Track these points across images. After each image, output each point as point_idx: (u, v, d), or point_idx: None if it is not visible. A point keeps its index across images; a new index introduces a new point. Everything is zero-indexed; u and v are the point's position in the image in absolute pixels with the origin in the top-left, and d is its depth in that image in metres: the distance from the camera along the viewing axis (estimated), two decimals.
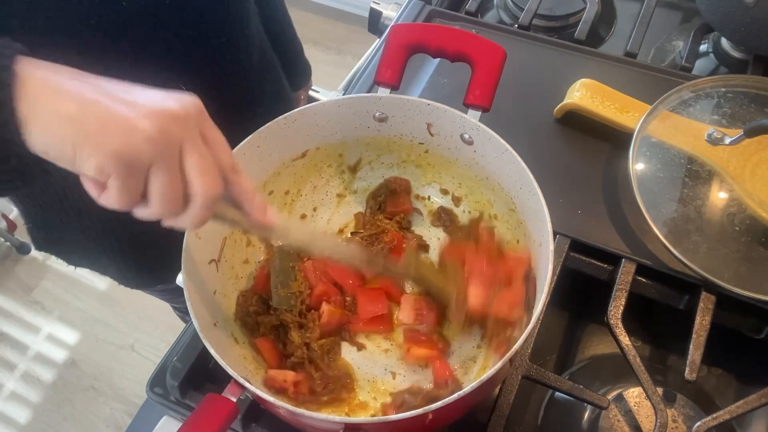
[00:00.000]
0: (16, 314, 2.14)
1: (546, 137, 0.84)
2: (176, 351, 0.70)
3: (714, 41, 1.00)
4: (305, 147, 0.72)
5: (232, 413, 0.52)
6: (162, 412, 0.71)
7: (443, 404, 0.49)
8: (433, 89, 0.88)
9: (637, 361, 0.65)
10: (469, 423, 0.67)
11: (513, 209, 0.68)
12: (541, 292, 0.56)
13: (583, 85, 0.83)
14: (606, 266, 0.75)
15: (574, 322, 0.81)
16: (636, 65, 0.91)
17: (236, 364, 0.61)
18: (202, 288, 0.62)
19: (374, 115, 0.70)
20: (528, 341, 0.68)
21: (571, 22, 1.05)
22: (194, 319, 0.55)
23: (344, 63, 2.71)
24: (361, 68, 0.97)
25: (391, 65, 0.68)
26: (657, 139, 0.77)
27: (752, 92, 0.80)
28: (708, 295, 0.69)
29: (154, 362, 0.74)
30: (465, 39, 0.66)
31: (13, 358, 2.03)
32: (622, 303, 0.70)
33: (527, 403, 0.74)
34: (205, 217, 0.46)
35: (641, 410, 0.69)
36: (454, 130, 0.68)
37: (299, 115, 0.68)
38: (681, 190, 0.73)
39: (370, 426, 0.53)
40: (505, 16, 1.10)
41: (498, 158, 0.65)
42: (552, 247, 0.57)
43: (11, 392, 1.97)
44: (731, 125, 0.77)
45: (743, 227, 0.70)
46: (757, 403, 0.64)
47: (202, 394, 0.52)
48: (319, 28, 2.81)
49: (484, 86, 0.66)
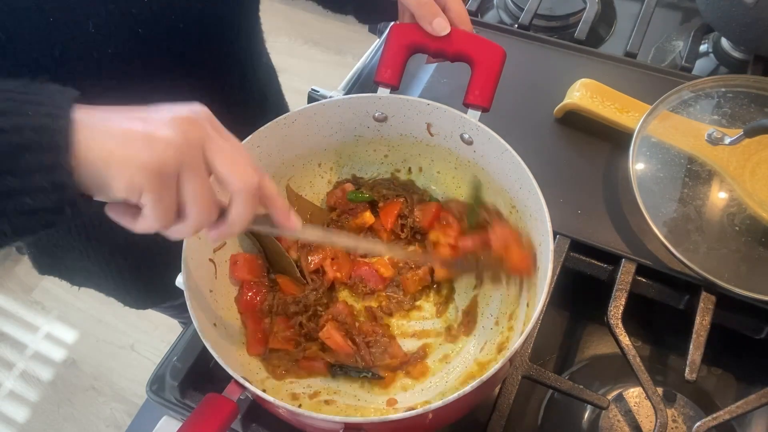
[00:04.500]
0: (16, 314, 2.13)
1: (546, 137, 0.84)
2: (176, 351, 0.70)
3: (714, 41, 1.00)
4: (305, 147, 0.72)
5: (232, 413, 0.52)
6: (162, 412, 0.71)
7: (443, 404, 0.49)
8: (433, 89, 0.88)
9: (637, 361, 0.65)
10: (469, 423, 0.67)
11: (513, 209, 0.68)
12: (541, 292, 0.56)
13: (583, 85, 0.83)
14: (606, 266, 0.75)
15: (574, 322, 0.81)
16: (636, 65, 0.91)
17: (236, 364, 0.61)
18: (202, 288, 0.62)
19: (374, 115, 0.70)
20: (528, 341, 0.68)
21: (571, 22, 1.05)
22: (194, 319, 0.55)
23: (344, 63, 2.71)
24: (361, 68, 0.97)
25: (391, 65, 0.68)
26: (657, 139, 0.77)
27: (752, 92, 0.80)
28: (708, 295, 0.69)
29: (154, 362, 0.74)
30: (465, 39, 0.66)
31: (13, 358, 2.03)
32: (622, 303, 0.70)
33: (527, 403, 0.74)
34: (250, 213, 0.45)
35: (641, 410, 0.69)
36: (454, 130, 0.68)
37: (299, 115, 0.68)
38: (681, 190, 0.73)
39: (370, 426, 0.53)
40: (505, 16, 1.10)
41: (498, 158, 0.65)
42: (552, 247, 0.57)
43: (12, 392, 1.97)
44: (731, 125, 0.77)
45: (743, 227, 0.70)
46: (757, 403, 0.64)
47: (202, 394, 0.52)
48: (319, 28, 2.81)
49: (483, 86, 0.66)
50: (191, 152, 0.41)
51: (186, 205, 0.43)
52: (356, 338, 0.67)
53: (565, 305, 0.81)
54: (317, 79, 1.18)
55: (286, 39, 2.78)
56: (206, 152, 0.43)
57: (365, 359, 0.66)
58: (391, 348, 0.67)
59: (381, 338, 0.67)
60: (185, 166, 0.41)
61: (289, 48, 2.75)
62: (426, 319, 0.70)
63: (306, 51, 2.81)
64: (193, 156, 0.42)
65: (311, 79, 1.53)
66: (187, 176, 0.42)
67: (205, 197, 0.43)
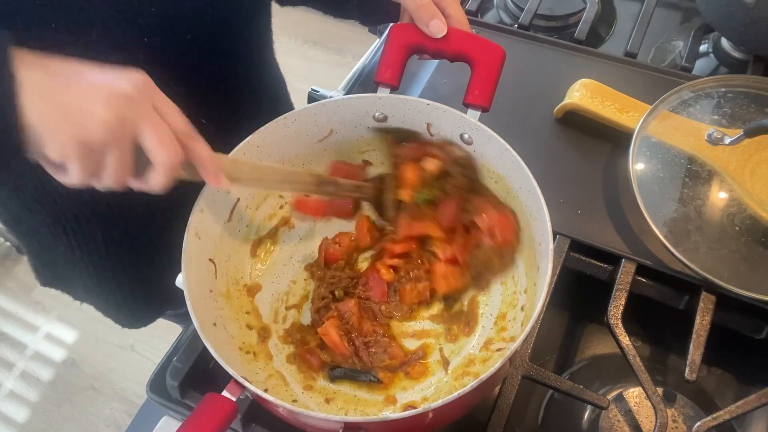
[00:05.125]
0: (16, 314, 2.13)
1: (546, 137, 0.84)
2: (176, 351, 0.70)
3: (714, 41, 1.00)
4: (305, 147, 0.72)
5: (232, 413, 0.52)
6: (162, 412, 0.71)
7: (443, 404, 0.49)
8: (433, 89, 0.88)
9: (637, 361, 0.65)
10: (469, 423, 0.67)
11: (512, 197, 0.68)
12: (541, 292, 0.56)
13: (583, 85, 0.83)
14: (606, 266, 0.75)
15: (574, 322, 0.81)
16: (636, 65, 0.91)
17: (236, 364, 0.61)
18: (202, 288, 0.62)
19: (374, 115, 0.70)
20: (528, 341, 0.68)
21: (571, 22, 1.05)
22: (194, 319, 0.55)
23: (344, 63, 2.71)
24: (361, 68, 0.97)
25: (391, 65, 0.68)
26: (657, 139, 0.77)
27: (752, 92, 0.80)
28: (708, 295, 0.69)
29: (154, 362, 0.74)
30: (464, 39, 0.66)
31: (13, 358, 2.03)
32: (622, 303, 0.70)
33: (527, 403, 0.74)
34: (167, 181, 0.50)
35: (641, 410, 0.69)
36: (454, 130, 0.68)
37: (299, 115, 0.68)
38: (681, 190, 0.73)
39: (370, 425, 0.53)
40: (505, 16, 1.10)
41: (498, 158, 0.65)
42: (552, 247, 0.57)
43: (12, 392, 1.96)
44: (731, 125, 0.77)
45: (743, 227, 0.70)
46: (757, 403, 0.64)
47: (202, 394, 0.52)
48: (319, 28, 2.81)
49: (483, 86, 0.66)
50: (122, 132, 0.46)
51: (104, 171, 0.48)
52: (356, 340, 0.66)
53: (565, 305, 0.81)
54: (317, 79, 1.18)
55: (286, 39, 2.78)
56: (140, 129, 0.47)
57: (363, 361, 0.65)
58: (391, 348, 0.67)
59: (381, 338, 0.67)
60: (112, 142, 0.46)
61: (289, 48, 2.75)
62: (426, 319, 0.70)
63: (306, 51, 2.81)
64: (123, 136, 0.46)
65: (311, 79, 1.53)
66: (111, 150, 0.47)
67: (120, 170, 0.48)
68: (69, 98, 0.45)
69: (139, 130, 0.47)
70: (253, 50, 0.79)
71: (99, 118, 0.45)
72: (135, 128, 0.47)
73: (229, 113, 0.78)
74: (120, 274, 0.87)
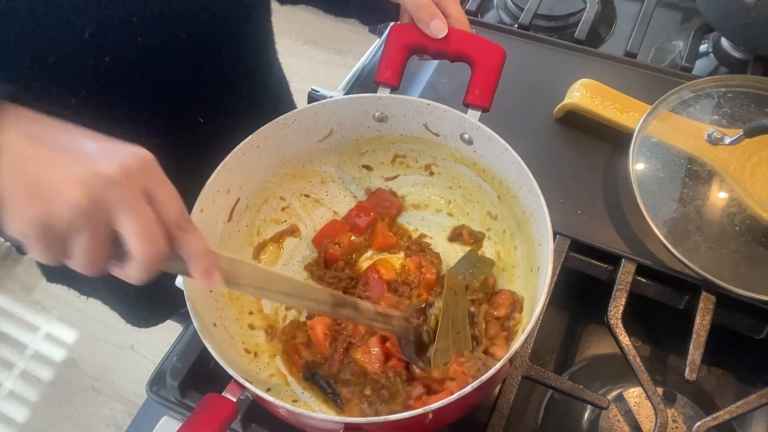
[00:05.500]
0: (16, 314, 2.13)
1: (546, 137, 0.84)
2: (176, 351, 0.70)
3: (714, 41, 1.00)
4: (305, 147, 0.72)
5: (232, 413, 0.52)
6: (162, 412, 0.71)
7: (443, 404, 0.49)
8: (433, 89, 0.88)
9: (637, 361, 0.65)
10: (469, 423, 0.67)
11: (513, 209, 0.68)
12: (541, 292, 0.56)
13: (583, 85, 0.83)
14: (606, 266, 0.75)
15: (574, 322, 0.81)
16: (636, 65, 0.91)
17: (236, 365, 0.61)
18: (202, 288, 0.62)
19: (374, 115, 0.70)
20: (528, 341, 0.68)
21: (571, 22, 1.05)
22: (194, 319, 0.55)
23: (344, 63, 2.71)
24: (361, 68, 0.97)
25: (391, 65, 0.68)
26: (657, 139, 0.77)
27: (752, 92, 0.80)
28: (708, 295, 0.69)
29: (154, 362, 0.74)
30: (465, 39, 0.66)
31: (13, 358, 2.03)
32: (622, 303, 0.70)
33: (527, 403, 0.73)
34: (144, 277, 0.44)
35: (641, 410, 0.69)
36: (454, 130, 0.68)
37: (299, 115, 0.68)
38: (681, 190, 0.73)
39: (370, 426, 0.53)
40: (505, 16, 1.10)
41: (498, 158, 0.65)
42: (552, 247, 0.57)
43: (12, 392, 1.97)
44: (731, 125, 0.77)
45: (743, 227, 0.70)
46: (757, 403, 0.64)
47: (202, 394, 0.52)
48: (319, 28, 2.81)
49: (483, 86, 0.66)
50: (94, 218, 0.40)
51: (72, 257, 0.42)
52: (339, 345, 0.65)
53: (565, 305, 0.81)
54: (317, 79, 1.18)
55: (286, 39, 2.78)
56: (119, 216, 0.41)
57: (332, 367, 0.64)
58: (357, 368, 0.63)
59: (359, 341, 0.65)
60: (81, 228, 0.40)
61: (289, 48, 2.75)
62: None
63: (306, 51, 2.81)
64: (95, 222, 0.41)
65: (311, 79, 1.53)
66: (79, 236, 0.41)
67: (92, 258, 0.42)
68: (43, 172, 0.40)
69: (117, 217, 0.41)
70: (252, 49, 0.78)
71: (68, 200, 0.39)
72: (111, 214, 0.41)
73: (228, 113, 0.78)
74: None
